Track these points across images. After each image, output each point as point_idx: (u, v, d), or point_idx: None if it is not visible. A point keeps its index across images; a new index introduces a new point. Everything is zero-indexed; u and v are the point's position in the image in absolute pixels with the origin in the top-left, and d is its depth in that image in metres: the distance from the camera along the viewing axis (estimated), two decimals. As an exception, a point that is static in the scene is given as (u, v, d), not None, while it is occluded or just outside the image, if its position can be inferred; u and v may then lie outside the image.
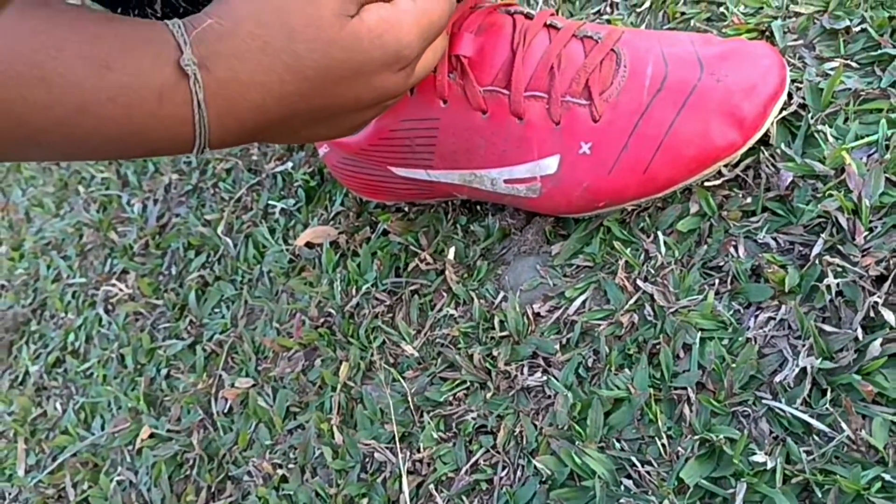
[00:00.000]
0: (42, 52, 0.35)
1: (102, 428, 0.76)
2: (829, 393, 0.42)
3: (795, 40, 0.56)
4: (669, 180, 0.52)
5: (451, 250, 0.61)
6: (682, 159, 0.51)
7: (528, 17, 0.55)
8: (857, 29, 0.54)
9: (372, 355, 0.61)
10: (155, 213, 0.89)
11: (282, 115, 0.41)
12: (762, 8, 0.59)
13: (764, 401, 0.43)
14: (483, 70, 0.53)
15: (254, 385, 0.67)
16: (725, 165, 0.52)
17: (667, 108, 0.51)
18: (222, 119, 0.39)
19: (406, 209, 0.67)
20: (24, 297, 0.97)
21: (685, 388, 0.46)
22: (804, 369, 0.43)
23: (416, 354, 0.58)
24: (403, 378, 0.58)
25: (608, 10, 0.68)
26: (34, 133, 0.36)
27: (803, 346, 0.44)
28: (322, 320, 0.66)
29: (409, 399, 0.57)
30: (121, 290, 0.85)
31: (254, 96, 0.39)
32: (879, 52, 0.52)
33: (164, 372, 0.75)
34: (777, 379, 0.43)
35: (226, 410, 0.68)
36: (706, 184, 0.53)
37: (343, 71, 0.40)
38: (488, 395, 0.53)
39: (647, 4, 0.65)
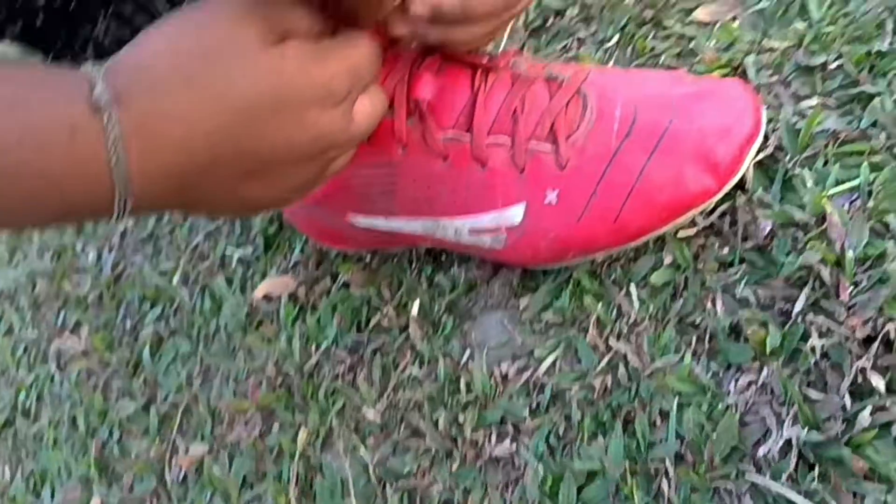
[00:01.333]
0: None
1: (52, 497, 0.71)
2: (816, 468, 0.38)
3: (770, 77, 0.53)
4: (641, 229, 0.49)
5: (415, 305, 0.58)
6: (655, 207, 0.48)
7: (492, 59, 0.52)
8: (834, 65, 0.51)
9: (331, 420, 0.57)
10: (110, 261, 0.85)
11: (209, 158, 0.37)
12: (734, 43, 0.56)
13: (747, 475, 0.40)
14: (443, 114, 0.50)
15: (209, 451, 0.63)
16: (700, 213, 0.49)
17: (637, 153, 0.47)
18: (143, 161, 0.34)
19: (368, 258, 0.64)
20: (-25, 351, 0.93)
21: (663, 461, 0.43)
22: (789, 441, 0.40)
23: (379, 420, 0.55)
24: (365, 446, 0.54)
25: (575, 44, 0.65)
26: None
27: (787, 413, 0.41)
28: (280, 380, 0.62)
29: (371, 470, 0.53)
30: (74, 345, 0.80)
31: (175, 132, 0.35)
32: (857, 89, 0.49)
33: (116, 435, 0.70)
34: (761, 451, 0.40)
35: (180, 479, 0.63)
36: (680, 233, 0.50)
37: (269, 102, 0.37)
38: (454, 465, 0.50)
39: (615, 40, 0.63)
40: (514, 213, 0.50)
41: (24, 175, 0.32)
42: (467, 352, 0.54)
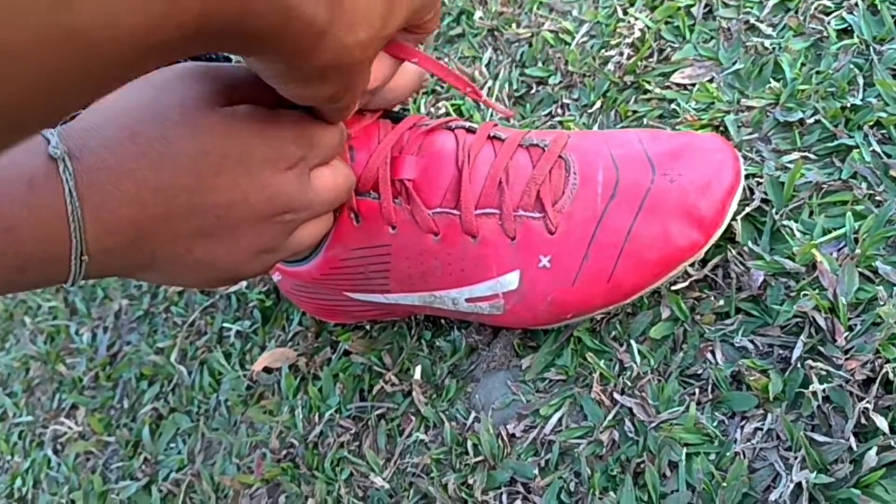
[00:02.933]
0: None
1: (52, 584, 0.70)
2: (829, 511, 0.39)
3: (750, 134, 0.55)
4: (636, 286, 0.50)
5: (418, 369, 0.58)
6: (646, 264, 0.49)
7: (471, 130, 0.54)
8: (811, 121, 0.53)
9: (339, 490, 0.57)
10: (105, 341, 0.85)
11: (163, 213, 0.37)
12: (713, 103, 0.59)
13: (761, 522, 0.41)
14: (430, 192, 0.51)
15: (214, 528, 0.62)
16: (691, 265, 0.51)
17: (623, 214, 0.49)
18: (97, 212, 0.36)
19: (367, 327, 0.65)
20: (-33, 439, 0.91)
21: (676, 512, 0.43)
22: (799, 484, 0.40)
23: (387, 486, 0.55)
24: (374, 513, 0.54)
25: (559, 111, 0.67)
26: None
27: (795, 458, 0.41)
28: (284, 452, 0.62)
29: (382, 537, 0.53)
30: (70, 427, 0.80)
31: (127, 186, 0.36)
32: (836, 142, 0.51)
33: (117, 517, 0.70)
34: (772, 497, 0.41)
35: (185, 558, 0.63)
36: (676, 287, 0.51)
37: (220, 158, 0.38)
38: (466, 528, 0.50)
39: (598, 105, 0.65)
40: (510, 280, 0.51)
41: None
42: (472, 414, 0.54)
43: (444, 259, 0.52)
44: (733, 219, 0.51)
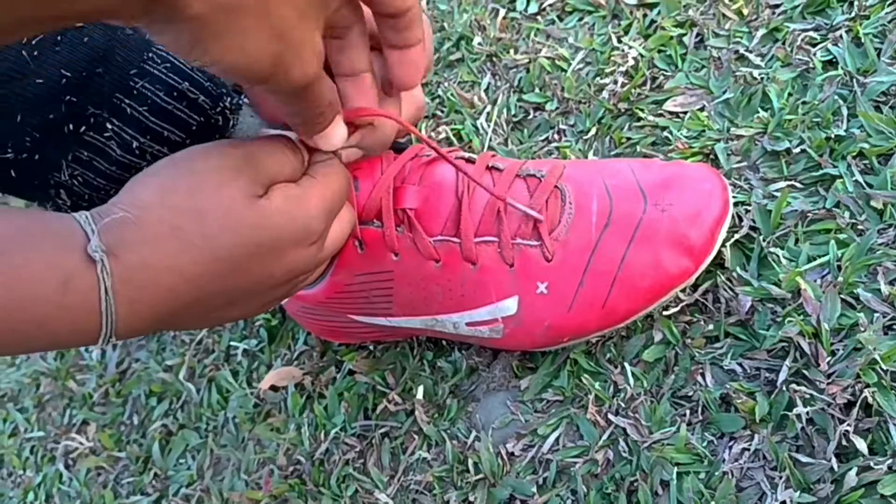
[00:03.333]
0: None
1: None
2: (811, 529, 0.41)
3: (739, 162, 0.58)
4: (629, 311, 0.52)
5: (420, 389, 0.61)
6: (639, 291, 0.51)
7: (470, 161, 0.56)
8: (798, 150, 0.55)
9: (345, 505, 0.59)
10: (114, 359, 0.87)
11: (194, 298, 0.40)
12: (704, 131, 0.61)
13: (747, 539, 0.43)
14: (431, 220, 0.54)
15: (224, 542, 0.65)
16: (682, 290, 0.53)
17: (616, 243, 0.51)
18: (133, 305, 0.37)
19: (371, 347, 0.67)
20: (-21, 454, 0.94)
21: (667, 529, 0.45)
22: (784, 503, 0.42)
23: (391, 503, 0.57)
24: (379, 529, 0.56)
25: (556, 136, 0.70)
26: None
27: (780, 477, 0.43)
28: (291, 469, 0.64)
29: (387, 553, 0.55)
30: (81, 443, 0.82)
31: (165, 280, 0.38)
32: (821, 172, 0.54)
33: (129, 531, 0.72)
34: (758, 515, 0.43)
35: (196, 572, 0.65)
36: (668, 312, 0.53)
37: (254, 248, 0.40)
38: (467, 544, 0.52)
39: (593, 131, 0.67)
40: (509, 306, 0.53)
41: (13, 318, 0.35)
42: (473, 433, 0.57)
43: (444, 285, 0.54)
44: (723, 245, 0.53)
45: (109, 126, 0.45)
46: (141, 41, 0.46)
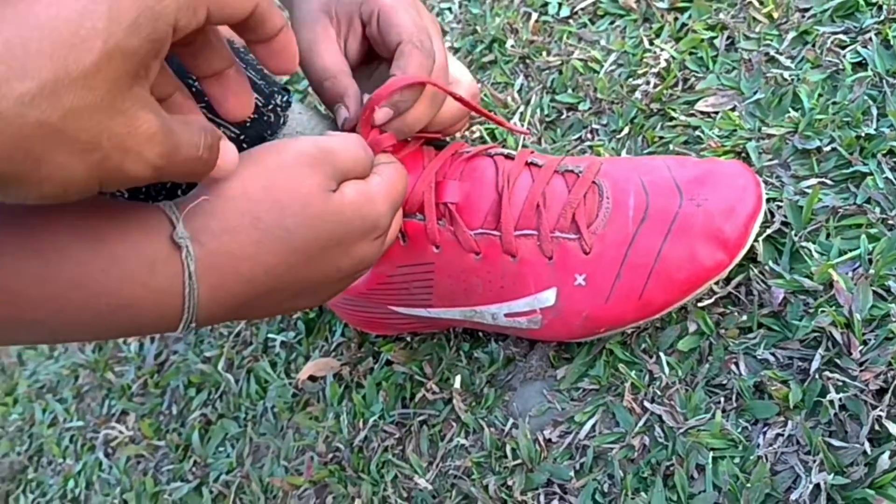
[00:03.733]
0: (38, 226, 0.36)
1: (108, 579, 0.74)
2: (845, 509, 0.43)
3: (770, 160, 0.59)
4: (665, 303, 0.54)
5: (457, 378, 0.62)
6: (675, 283, 0.53)
7: (509, 157, 0.58)
8: (828, 148, 0.57)
9: (385, 489, 0.61)
10: (152, 351, 0.90)
11: (269, 287, 0.42)
12: (735, 130, 0.63)
13: (782, 519, 0.44)
14: (471, 214, 0.55)
15: (265, 526, 0.67)
16: (716, 283, 0.54)
17: (653, 237, 0.53)
18: (213, 292, 0.40)
19: (408, 339, 0.69)
20: (19, 443, 0.96)
21: (703, 510, 0.47)
22: (818, 486, 0.44)
23: (430, 487, 0.59)
24: (419, 512, 0.58)
25: (589, 136, 0.72)
26: (25, 310, 0.36)
27: (814, 461, 0.45)
28: (331, 456, 0.66)
29: (427, 534, 0.57)
30: (121, 432, 0.84)
31: (245, 269, 0.40)
32: (851, 169, 0.55)
33: (170, 516, 0.74)
34: (793, 497, 0.44)
35: (237, 554, 0.67)
36: (701, 303, 0.55)
37: (327, 241, 0.43)
38: (507, 526, 0.54)
39: (626, 130, 0.69)
40: (547, 297, 0.55)
41: (103, 300, 0.37)
42: (510, 420, 0.58)
43: (484, 277, 0.56)
44: (755, 240, 0.54)
45: None
46: None
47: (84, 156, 0.29)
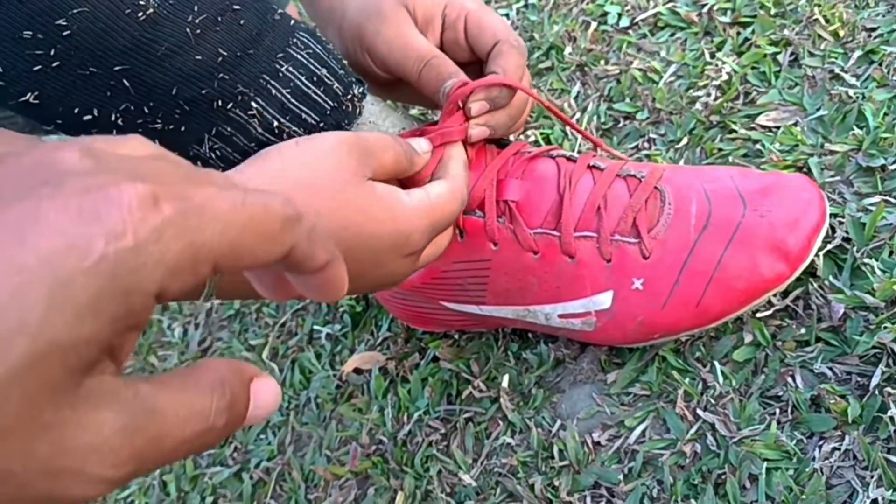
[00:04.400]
0: None
1: (145, 558, 0.75)
2: (904, 525, 0.42)
3: (833, 177, 0.59)
4: (722, 312, 0.54)
5: (505, 378, 0.63)
6: (733, 292, 0.53)
7: (571, 159, 0.58)
8: (893, 167, 0.57)
9: (429, 483, 0.61)
10: (196, 337, 0.91)
11: None
12: (797, 145, 0.63)
13: (837, 533, 0.44)
14: (531, 213, 0.56)
15: (305, 514, 0.67)
16: (774, 295, 0.54)
17: (714, 245, 0.53)
18: None
19: (455, 336, 0.69)
20: (60, 421, 0.97)
21: (755, 520, 0.47)
22: (875, 501, 0.44)
23: (475, 484, 0.59)
24: (463, 508, 0.58)
25: (646, 145, 0.72)
26: None
27: (872, 476, 0.45)
28: (374, 448, 0.67)
29: (471, 530, 0.57)
30: (163, 415, 0.85)
31: None
32: (917, 189, 0.55)
33: (209, 500, 0.74)
34: (849, 511, 0.44)
35: (276, 540, 0.67)
36: (758, 314, 0.55)
37: (353, 236, 0.43)
38: (552, 525, 0.54)
39: (684, 141, 0.69)
40: (603, 300, 0.55)
41: None
42: (558, 422, 0.59)
43: (541, 276, 0.56)
44: (815, 255, 0.54)
45: (254, 105, 0.48)
46: (287, 26, 0.49)
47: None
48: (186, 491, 0.77)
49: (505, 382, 0.62)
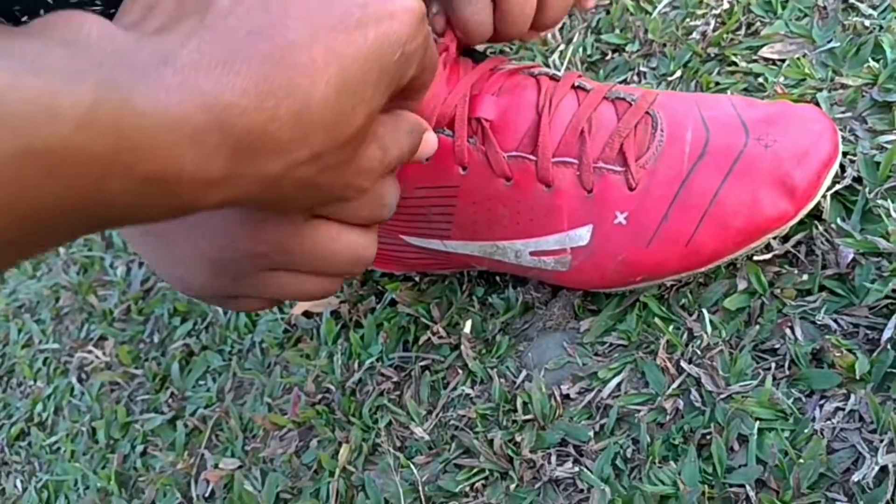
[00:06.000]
0: None
1: (66, 510, 0.68)
2: (918, 497, 0.36)
3: (844, 112, 0.53)
4: (715, 253, 0.47)
5: (468, 323, 0.56)
6: (729, 231, 0.46)
7: (554, 78, 0.51)
8: (913, 102, 0.50)
9: (377, 436, 0.55)
10: (139, 276, 0.83)
11: None
12: (805, 79, 0.56)
13: (838, 503, 0.38)
14: (506, 135, 0.49)
15: (240, 466, 0.60)
16: (775, 238, 0.48)
17: (710, 176, 0.46)
18: None
19: (416, 279, 0.62)
20: (-10, 362, 0.90)
21: (743, 486, 0.41)
22: (884, 468, 0.38)
23: (427, 438, 0.53)
24: (412, 463, 0.52)
25: (635, 78, 0.65)
26: None
27: (881, 440, 0.39)
28: (320, 397, 0.60)
29: (419, 488, 0.50)
30: (97, 357, 0.78)
31: None
32: (939, 125, 0.48)
33: (139, 449, 0.68)
34: (854, 478, 0.38)
35: (207, 494, 0.61)
36: (755, 258, 0.48)
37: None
38: (511, 486, 0.47)
39: (678, 74, 0.62)
40: (581, 235, 0.49)
41: None
42: (524, 372, 0.52)
43: (513, 207, 0.49)
44: (822, 196, 0.48)
45: None
46: None
47: (312, 197, 0.31)
48: (116, 439, 0.70)
49: (467, 328, 0.56)
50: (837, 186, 0.49)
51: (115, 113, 0.22)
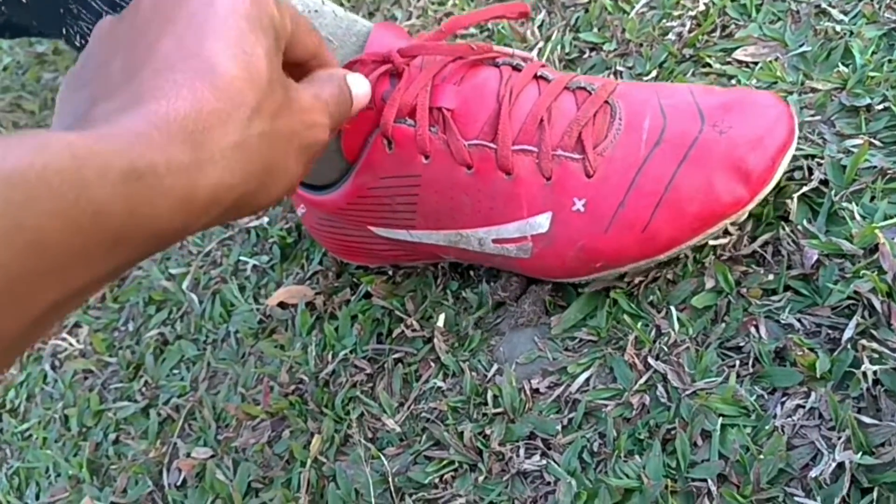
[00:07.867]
0: None
1: (37, 497, 0.68)
2: (872, 493, 0.37)
3: (813, 116, 0.54)
4: (672, 240, 0.48)
5: (441, 317, 0.57)
6: (685, 217, 0.47)
7: (517, 68, 0.52)
8: (880, 107, 0.51)
9: (349, 427, 0.55)
10: (115, 264, 0.83)
11: None
12: (776, 82, 0.57)
13: (796, 498, 0.39)
14: (467, 123, 0.50)
15: (212, 456, 0.61)
16: (733, 224, 0.49)
17: (666, 162, 0.47)
18: None
19: (391, 272, 0.63)
20: (-38, 348, 0.89)
21: (705, 480, 0.42)
22: (841, 465, 0.39)
23: (398, 430, 0.53)
24: (383, 455, 0.52)
25: (611, 77, 0.66)
26: None
27: (839, 437, 0.40)
28: (293, 387, 0.60)
29: (390, 479, 0.51)
30: (71, 344, 0.78)
31: None
32: (904, 130, 0.50)
33: (112, 437, 0.68)
34: (811, 474, 0.39)
35: (178, 483, 0.61)
36: (722, 258, 0.49)
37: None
38: (479, 478, 0.48)
39: (653, 74, 0.63)
40: (541, 222, 0.50)
41: None
42: (495, 366, 0.53)
43: (474, 195, 0.50)
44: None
45: None
46: None
47: (290, 147, 0.34)
48: (89, 426, 0.70)
49: (440, 322, 0.57)
50: (805, 188, 0.50)
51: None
